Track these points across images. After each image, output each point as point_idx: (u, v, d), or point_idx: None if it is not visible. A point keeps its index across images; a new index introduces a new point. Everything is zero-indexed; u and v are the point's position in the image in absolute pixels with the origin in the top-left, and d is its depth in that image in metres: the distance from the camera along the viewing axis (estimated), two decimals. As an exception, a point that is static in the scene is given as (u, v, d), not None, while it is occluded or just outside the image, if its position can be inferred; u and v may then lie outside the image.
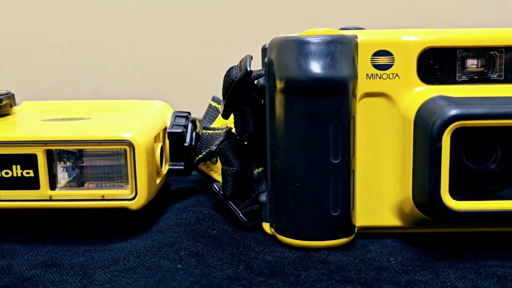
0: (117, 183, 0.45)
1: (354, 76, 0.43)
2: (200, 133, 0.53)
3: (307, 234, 0.44)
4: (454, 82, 0.44)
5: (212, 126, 0.55)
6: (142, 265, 0.39)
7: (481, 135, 0.43)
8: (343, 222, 0.44)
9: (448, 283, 0.38)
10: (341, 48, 0.42)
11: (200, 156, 0.51)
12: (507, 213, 0.41)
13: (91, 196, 0.45)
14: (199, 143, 0.52)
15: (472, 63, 0.45)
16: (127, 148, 0.44)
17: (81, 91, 0.94)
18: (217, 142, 0.49)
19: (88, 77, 0.96)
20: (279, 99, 0.43)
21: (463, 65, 0.44)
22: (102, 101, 0.56)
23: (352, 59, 0.43)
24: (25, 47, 0.98)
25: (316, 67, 0.42)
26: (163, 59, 0.95)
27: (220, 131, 0.51)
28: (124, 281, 0.37)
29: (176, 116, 0.52)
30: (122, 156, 0.45)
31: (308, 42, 0.42)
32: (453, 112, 0.40)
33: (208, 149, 0.49)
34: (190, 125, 0.52)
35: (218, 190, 0.48)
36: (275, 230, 0.45)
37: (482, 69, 0.44)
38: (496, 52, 0.44)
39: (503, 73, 0.44)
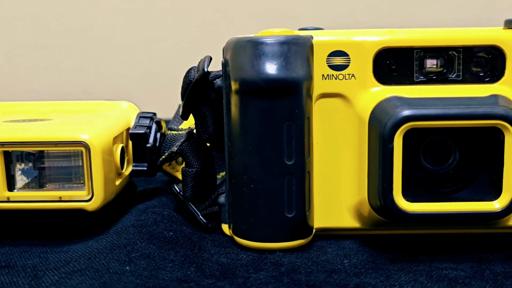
0: (75, 185, 0.45)
1: (308, 77, 0.42)
2: (165, 134, 0.53)
3: (262, 236, 0.43)
4: (411, 82, 0.44)
5: (180, 127, 0.55)
6: (91, 267, 0.39)
7: (439, 136, 0.43)
8: (298, 223, 0.43)
9: (397, 286, 0.38)
10: (295, 49, 0.42)
11: (163, 157, 0.51)
12: (460, 215, 0.41)
13: (49, 197, 0.45)
14: (163, 144, 0.52)
15: (431, 63, 0.44)
16: (83, 149, 0.44)
17: (59, 92, 0.94)
18: (178, 143, 0.49)
19: (64, 78, 0.97)
20: (234, 100, 0.43)
21: (422, 65, 0.44)
22: (68, 102, 0.56)
23: (307, 59, 0.42)
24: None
25: (269, 68, 0.41)
26: (136, 60, 0.95)
27: (183, 132, 0.51)
28: (69, 283, 0.37)
29: (141, 117, 0.52)
30: (79, 157, 0.45)
31: (261, 43, 0.42)
32: (405, 113, 0.40)
33: (170, 150, 0.49)
34: (154, 126, 0.51)
35: (178, 191, 0.48)
36: (232, 231, 0.45)
37: (441, 69, 0.44)
38: (454, 52, 0.43)
39: (461, 73, 0.44)
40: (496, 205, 0.40)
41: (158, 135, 0.52)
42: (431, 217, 0.41)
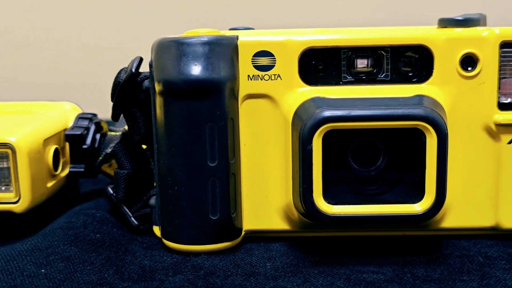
0: (3, 186, 0.45)
1: (232, 77, 0.42)
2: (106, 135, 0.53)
3: (187, 238, 0.43)
4: (339, 83, 0.43)
5: (125, 128, 0.55)
6: (5, 270, 0.39)
7: (368, 138, 0.42)
8: (223, 226, 0.43)
9: (312, 290, 0.37)
10: (218, 50, 0.42)
11: (100, 158, 0.51)
12: (382, 217, 0.40)
13: (-23, 199, 0.45)
14: (103, 145, 0.52)
15: (362, 63, 0.43)
16: (9, 151, 0.44)
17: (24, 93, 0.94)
18: (112, 144, 0.48)
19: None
20: (158, 101, 0.42)
21: (351, 65, 0.43)
22: (6, 103, 0.56)
23: (231, 60, 0.42)
24: None
25: (190, 69, 0.41)
26: (80, 61, 0.95)
27: (119, 133, 0.51)
28: (-20, 285, 0.37)
29: (80, 118, 0.52)
30: (6, 159, 0.44)
31: (183, 43, 0.42)
32: (324, 114, 0.39)
33: (105, 151, 0.49)
34: (93, 127, 0.51)
35: (112, 193, 0.48)
36: (161, 233, 0.45)
37: (371, 69, 0.43)
38: (383, 52, 0.43)
39: (389, 73, 0.43)
40: (417, 208, 0.40)
41: (98, 136, 0.51)
42: (353, 220, 0.40)
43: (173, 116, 0.42)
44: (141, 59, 0.46)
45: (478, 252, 0.42)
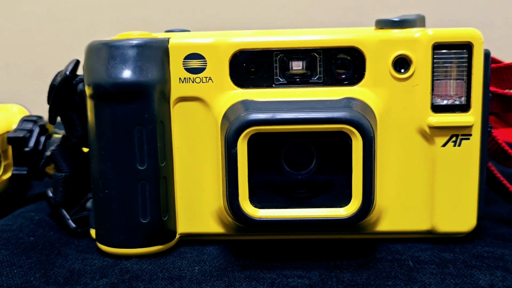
0: None
1: (162, 80, 0.42)
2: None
3: (118, 242, 0.43)
4: (272, 85, 0.43)
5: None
6: None
7: (301, 141, 0.42)
8: (154, 229, 0.43)
9: (233, 295, 0.37)
10: (147, 52, 0.41)
11: (43, 160, 0.50)
12: (309, 221, 0.40)
13: None
14: (47, 147, 0.52)
15: (297, 65, 0.43)
16: None
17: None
18: (52, 147, 0.48)
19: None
20: (89, 104, 0.42)
21: (286, 68, 0.43)
22: None
23: (161, 63, 0.42)
24: None
25: (118, 72, 0.41)
26: (29, 62, 0.95)
27: (60, 135, 0.51)
28: None
29: (24, 120, 0.52)
30: None
31: (112, 46, 0.41)
32: (248, 117, 0.39)
33: (45, 154, 0.49)
34: (37, 130, 0.51)
35: (51, 195, 0.48)
36: (95, 236, 0.45)
37: (305, 71, 0.43)
38: (316, 54, 0.42)
39: (322, 75, 0.43)
40: (343, 212, 0.39)
41: (43, 138, 0.51)
42: (279, 224, 0.40)
43: (103, 119, 0.42)
44: (77, 62, 0.46)
45: (410, 256, 0.42)
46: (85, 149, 0.49)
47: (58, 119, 0.47)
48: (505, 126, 0.60)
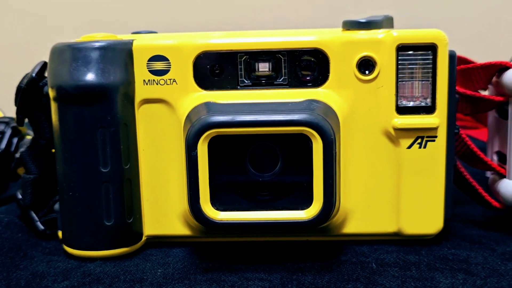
0: None
1: (125, 82, 0.41)
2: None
3: (82, 244, 0.43)
4: (236, 87, 0.42)
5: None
6: None
7: (266, 142, 0.42)
8: (119, 231, 0.43)
9: (192, 298, 0.37)
10: (111, 54, 0.41)
11: (14, 162, 0.50)
12: (270, 224, 0.40)
13: None
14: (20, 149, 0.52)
15: (264, 67, 0.43)
16: None
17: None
18: (21, 149, 0.48)
19: None
20: (53, 107, 0.42)
21: (252, 69, 0.43)
22: None
23: (124, 65, 0.42)
24: None
25: (80, 74, 0.41)
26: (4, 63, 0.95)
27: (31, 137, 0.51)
28: None
29: (-5, 122, 0.52)
30: None
31: (74, 48, 0.41)
32: (208, 120, 0.39)
33: (16, 156, 0.49)
34: (9, 131, 0.51)
35: (20, 197, 0.48)
36: (62, 239, 0.45)
37: (270, 73, 0.43)
38: (280, 56, 0.42)
39: (287, 77, 0.42)
40: (303, 215, 0.39)
41: (15, 140, 0.51)
42: (240, 226, 0.40)
43: (66, 121, 0.42)
44: (44, 64, 0.46)
45: (375, 258, 0.42)
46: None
47: (26, 120, 0.47)
48: (485, 127, 0.60)
